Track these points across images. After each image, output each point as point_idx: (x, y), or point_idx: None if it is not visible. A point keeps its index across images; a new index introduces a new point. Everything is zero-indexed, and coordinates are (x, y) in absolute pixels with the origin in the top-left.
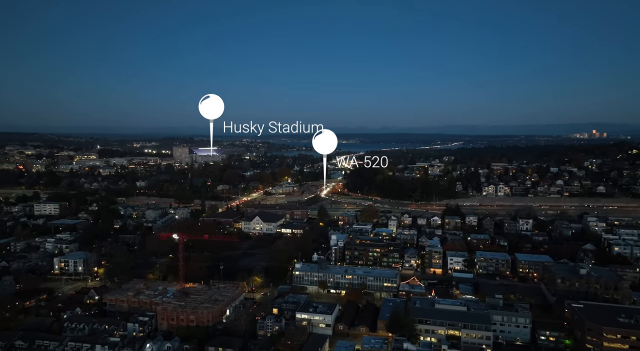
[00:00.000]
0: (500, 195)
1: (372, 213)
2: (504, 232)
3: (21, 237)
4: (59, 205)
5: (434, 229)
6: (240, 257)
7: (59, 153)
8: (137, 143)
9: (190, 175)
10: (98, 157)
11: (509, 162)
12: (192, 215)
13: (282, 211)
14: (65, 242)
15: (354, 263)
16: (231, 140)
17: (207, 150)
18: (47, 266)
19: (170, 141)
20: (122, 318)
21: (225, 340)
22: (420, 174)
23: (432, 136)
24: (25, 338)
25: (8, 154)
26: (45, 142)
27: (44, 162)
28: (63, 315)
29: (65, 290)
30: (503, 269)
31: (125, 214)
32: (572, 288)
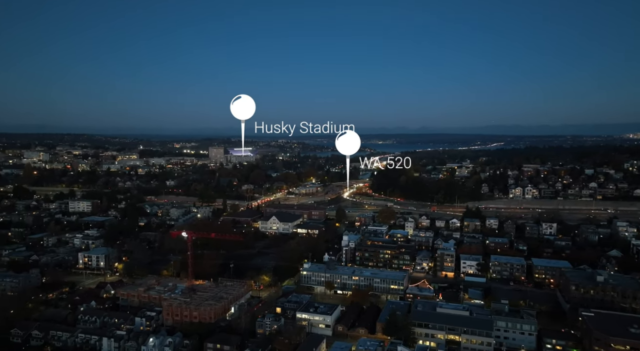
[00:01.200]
0: (528, 197)
1: (389, 214)
2: (525, 236)
3: (53, 233)
4: (92, 202)
5: (452, 232)
6: (254, 256)
7: (103, 154)
8: (177, 143)
9: (217, 174)
10: (139, 157)
11: (542, 163)
12: (214, 213)
13: (300, 211)
14: (91, 238)
15: (365, 265)
16: (267, 140)
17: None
18: (72, 261)
19: (209, 142)
20: (132, 312)
21: (224, 337)
22: (446, 175)
23: (472, 136)
24: (41, 328)
25: (58, 154)
26: (93, 142)
27: (89, 162)
28: (80, 308)
29: (86, 283)
30: (518, 274)
31: (151, 212)
32: (587, 295)
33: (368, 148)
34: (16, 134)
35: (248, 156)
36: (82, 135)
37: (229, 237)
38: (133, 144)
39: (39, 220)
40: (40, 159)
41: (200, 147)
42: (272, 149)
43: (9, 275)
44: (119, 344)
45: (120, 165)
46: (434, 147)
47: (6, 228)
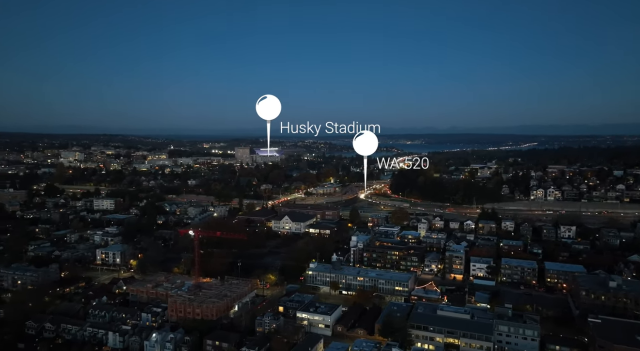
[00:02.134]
0: (550, 199)
1: (402, 215)
2: (542, 239)
3: (76, 229)
4: (115, 201)
5: (466, 234)
6: (265, 255)
7: (135, 153)
8: (206, 144)
9: (238, 174)
10: (168, 157)
11: (570, 164)
12: (230, 212)
13: (313, 211)
14: (110, 235)
15: (373, 266)
16: (294, 140)
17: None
18: (91, 257)
19: (237, 142)
20: (140, 308)
21: (223, 334)
22: (466, 176)
23: (504, 136)
24: (53, 321)
25: (92, 154)
26: (127, 143)
27: (121, 161)
28: (92, 302)
29: (101, 279)
30: (529, 278)
31: (170, 211)
32: (597, 301)
33: (395, 148)
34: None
35: (273, 156)
36: (117, 136)
37: (234, 235)
38: (164, 144)
39: (65, 217)
40: (75, 159)
41: (228, 147)
42: (299, 149)
43: (30, 269)
44: (124, 338)
45: (150, 164)
46: (463, 147)
47: (34, 224)
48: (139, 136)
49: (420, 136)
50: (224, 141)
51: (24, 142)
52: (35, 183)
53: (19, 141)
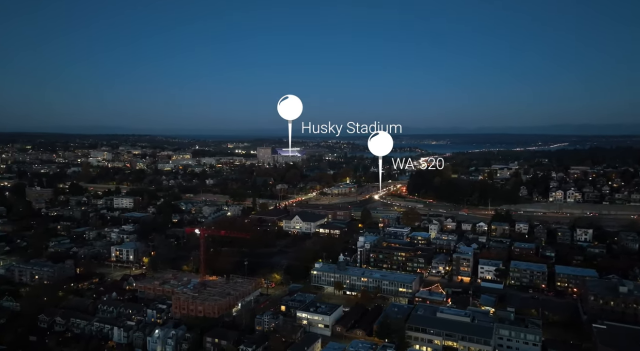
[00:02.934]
0: (570, 201)
1: (413, 216)
2: (557, 242)
3: (94, 227)
4: (134, 199)
5: (478, 236)
6: (274, 254)
7: (160, 153)
8: (230, 144)
9: (255, 174)
10: (192, 157)
11: (593, 165)
12: (243, 212)
13: (325, 211)
14: (126, 232)
15: (379, 266)
16: (317, 141)
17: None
18: (106, 254)
19: (260, 142)
20: (146, 304)
21: (222, 332)
22: (484, 177)
23: (533, 136)
24: (63, 315)
25: (120, 153)
26: (154, 143)
27: (146, 161)
28: (103, 298)
29: (114, 275)
30: (538, 281)
31: (186, 209)
32: (606, 307)
33: (419, 149)
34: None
35: (295, 156)
36: (145, 136)
37: (238, 234)
38: (190, 144)
39: (86, 215)
40: (104, 158)
41: (252, 147)
42: (321, 149)
43: (47, 265)
44: (128, 334)
45: (174, 164)
46: (490, 147)
47: (57, 221)
48: (165, 136)
49: (446, 136)
50: (247, 141)
51: (57, 142)
52: (63, 181)
53: (53, 141)
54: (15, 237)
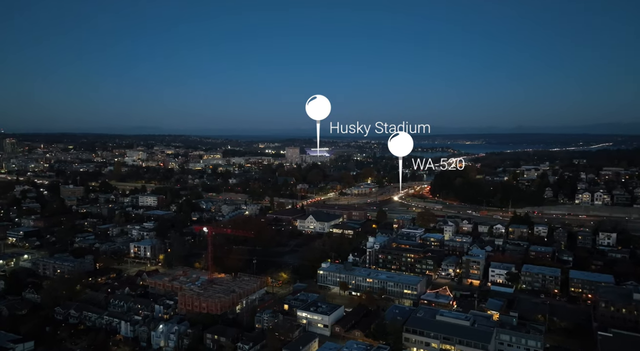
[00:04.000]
0: (598, 204)
1: (429, 217)
2: (577, 246)
3: (117, 224)
4: (157, 197)
5: (495, 238)
6: (286, 253)
7: (192, 153)
8: (262, 144)
9: (277, 173)
10: (222, 157)
11: (629, 166)
12: (261, 211)
13: (340, 211)
14: (146, 229)
15: (388, 268)
16: (347, 141)
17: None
18: (126, 250)
19: (291, 142)
20: (155, 300)
21: (222, 329)
22: (509, 178)
23: (575, 136)
24: (77, 308)
25: (154, 153)
26: (188, 143)
27: (179, 160)
28: (117, 292)
29: (130, 271)
30: (551, 286)
31: (206, 208)
32: (617, 314)
33: (451, 149)
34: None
35: (323, 156)
36: (181, 136)
37: (242, 233)
38: (222, 144)
39: (112, 212)
40: (139, 158)
41: (282, 147)
42: (352, 149)
43: (68, 259)
44: (134, 328)
45: (204, 163)
46: (527, 147)
47: (85, 218)
48: (199, 136)
49: (481, 136)
50: (278, 141)
51: (97, 142)
52: (96, 180)
53: (94, 141)
54: (45, 232)
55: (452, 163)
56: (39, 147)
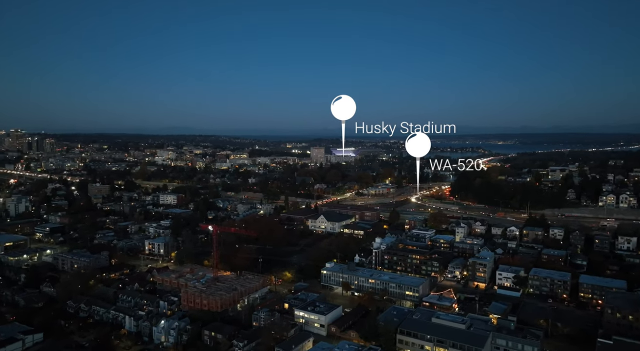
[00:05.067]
0: (623, 206)
1: (440, 218)
2: (594, 250)
3: (136, 221)
4: (177, 196)
5: (508, 241)
6: (295, 253)
7: (219, 153)
8: (289, 144)
9: (296, 173)
10: (248, 156)
11: None
12: (276, 210)
13: (352, 211)
14: (162, 227)
15: (393, 269)
16: (374, 141)
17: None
18: (141, 247)
19: (319, 142)
20: (161, 296)
21: (219, 326)
22: (531, 179)
23: (614, 136)
24: (87, 302)
25: (183, 153)
26: (218, 143)
27: (206, 160)
28: (128, 288)
29: (143, 267)
30: (560, 291)
31: (223, 207)
32: (623, 321)
33: (482, 149)
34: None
35: (348, 156)
36: (211, 136)
37: (245, 231)
38: (250, 144)
39: (133, 210)
40: (168, 157)
41: (309, 147)
42: (378, 149)
43: (85, 255)
44: (137, 323)
45: (231, 163)
46: (562, 147)
47: (107, 215)
48: (229, 136)
49: (515, 136)
50: (306, 141)
51: (130, 142)
52: (124, 178)
53: (127, 141)
54: (69, 228)
55: (470, 163)
56: (76, 146)
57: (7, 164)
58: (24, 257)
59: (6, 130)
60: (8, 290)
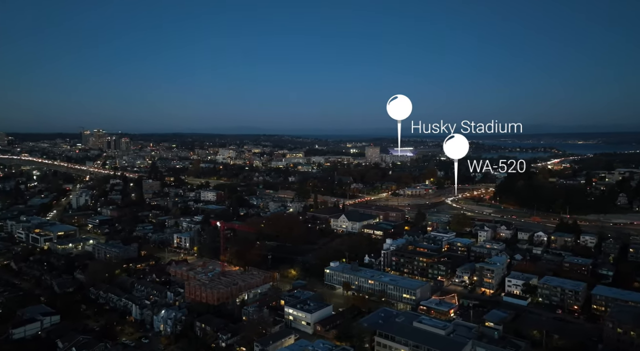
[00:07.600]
0: None
1: (463, 221)
2: (628, 260)
3: (173, 216)
4: (216, 193)
5: (533, 246)
6: (313, 251)
7: (276, 152)
8: (349, 143)
9: (335, 173)
10: (304, 155)
11: None
12: (304, 208)
13: (376, 212)
14: (194, 222)
15: (401, 271)
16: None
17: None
18: (171, 240)
19: (378, 141)
20: (170, 287)
21: (210, 318)
22: (582, 182)
23: None
24: (106, 290)
25: (243, 151)
26: (280, 142)
27: (263, 159)
28: (147, 279)
29: (167, 260)
30: (571, 301)
31: (256, 204)
32: (623, 337)
33: (555, 149)
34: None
35: (405, 156)
36: (274, 136)
37: (247, 228)
38: (311, 143)
39: (175, 206)
40: (229, 156)
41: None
42: (439, 149)
43: (117, 246)
44: (142, 311)
45: (286, 162)
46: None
47: (152, 210)
48: (291, 136)
49: (599, 135)
50: (365, 140)
51: (196, 141)
52: (178, 175)
53: (195, 141)
54: (116, 221)
55: (513, 164)
56: (148, 145)
57: (87, 161)
58: (69, 246)
59: (90, 130)
60: (48, 275)
